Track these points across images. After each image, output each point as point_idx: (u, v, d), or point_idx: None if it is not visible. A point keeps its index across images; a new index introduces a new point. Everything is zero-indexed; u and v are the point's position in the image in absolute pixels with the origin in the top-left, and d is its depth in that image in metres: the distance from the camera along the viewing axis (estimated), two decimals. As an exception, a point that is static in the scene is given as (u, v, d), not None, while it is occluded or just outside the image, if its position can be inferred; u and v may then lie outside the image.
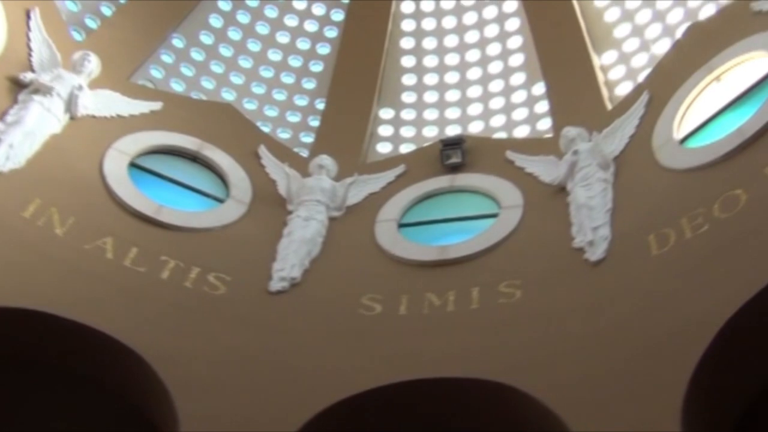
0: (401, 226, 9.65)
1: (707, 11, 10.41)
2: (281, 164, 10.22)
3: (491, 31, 12.29)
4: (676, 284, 7.11)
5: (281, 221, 9.58)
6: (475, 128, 11.60)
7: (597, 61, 11.23)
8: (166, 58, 11.44)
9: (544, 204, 9.19)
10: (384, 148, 11.73)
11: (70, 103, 9.36)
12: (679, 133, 8.72)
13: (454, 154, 10.29)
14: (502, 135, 11.23)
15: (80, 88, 9.48)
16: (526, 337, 7.56)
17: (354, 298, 8.53)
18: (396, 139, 11.85)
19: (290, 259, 8.92)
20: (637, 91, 9.94)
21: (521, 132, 11.28)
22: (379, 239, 9.40)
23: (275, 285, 8.63)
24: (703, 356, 6.41)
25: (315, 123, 11.80)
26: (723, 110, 8.53)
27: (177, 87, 11.37)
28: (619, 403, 6.54)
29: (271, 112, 11.88)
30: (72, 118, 9.39)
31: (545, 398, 6.90)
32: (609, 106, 10.41)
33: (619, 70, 11.16)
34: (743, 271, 6.62)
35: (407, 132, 11.92)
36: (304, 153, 11.17)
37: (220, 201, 9.74)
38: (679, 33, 10.37)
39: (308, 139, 11.64)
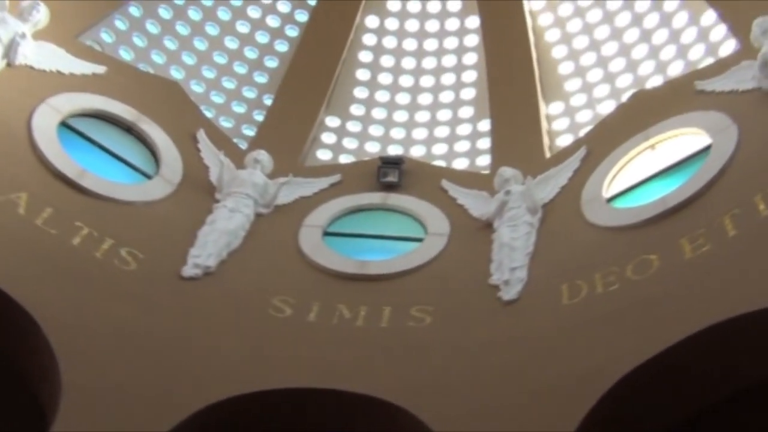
0: (326, 234, 9.62)
1: (654, 81, 10.80)
2: (217, 152, 10.07)
3: (449, 60, 12.47)
4: (579, 335, 7.28)
5: (206, 208, 9.43)
6: (417, 152, 11.69)
7: (544, 109, 11.49)
8: (120, 24, 11.17)
9: (468, 237, 9.32)
10: (324, 155, 11.71)
11: (10, 49, 9.04)
12: (607, 192, 8.98)
13: (391, 173, 10.34)
14: (441, 163, 11.33)
15: (23, 36, 9.17)
16: (428, 363, 7.61)
17: (266, 297, 8.44)
18: (337, 148, 11.84)
19: (208, 248, 8.77)
20: (576, 144, 10.23)
21: (460, 164, 11.42)
22: (302, 243, 9.34)
23: (188, 271, 8.46)
24: (593, 408, 6.56)
25: (259, 117, 11.70)
26: (652, 177, 8.83)
27: (125, 55, 11.11)
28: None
29: (218, 99, 11.72)
30: (9, 64, 9.07)
31: (433, 424, 6.93)
32: (547, 154, 10.65)
33: (562, 122, 11.45)
34: (644, 333, 6.84)
35: (349, 143, 11.93)
36: (243, 145, 11.06)
37: (148, 177, 9.53)
38: (624, 97, 10.73)
39: (249, 132, 11.53)
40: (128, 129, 9.85)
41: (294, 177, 10.16)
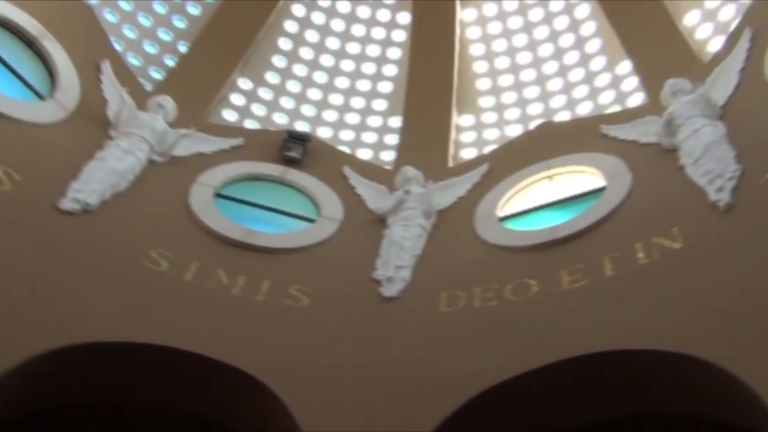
0: (218, 195, 9.37)
1: (563, 116, 11.20)
2: (121, 87, 9.59)
3: (373, 50, 12.49)
4: (450, 343, 7.43)
5: (98, 143, 8.96)
6: (324, 133, 11.60)
7: (455, 118, 11.67)
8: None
9: (360, 228, 9.33)
10: (229, 116, 11.39)
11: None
12: (501, 211, 9.22)
13: (295, 149, 10.20)
14: (346, 149, 11.28)
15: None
16: (298, 343, 7.53)
17: (143, 247, 8.10)
18: (244, 111, 11.56)
19: (92, 184, 8.32)
20: (480, 159, 10.46)
21: (364, 154, 11.42)
22: (191, 199, 9.05)
23: (66, 204, 7.98)
24: (450, 416, 6.70)
25: (170, 63, 11.25)
26: (545, 206, 9.14)
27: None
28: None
29: (130, 33, 11.14)
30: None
31: (292, 405, 6.87)
32: (450, 163, 10.84)
33: (470, 135, 11.68)
34: (511, 352, 7.05)
35: (258, 109, 11.67)
36: (148, 87, 10.59)
37: (41, 97, 8.94)
38: (532, 125, 11.08)
39: (157, 75, 11.04)
40: (29, 43, 9.20)
41: (196, 131, 9.82)
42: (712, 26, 10.45)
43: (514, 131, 11.44)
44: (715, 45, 9.96)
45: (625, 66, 11.07)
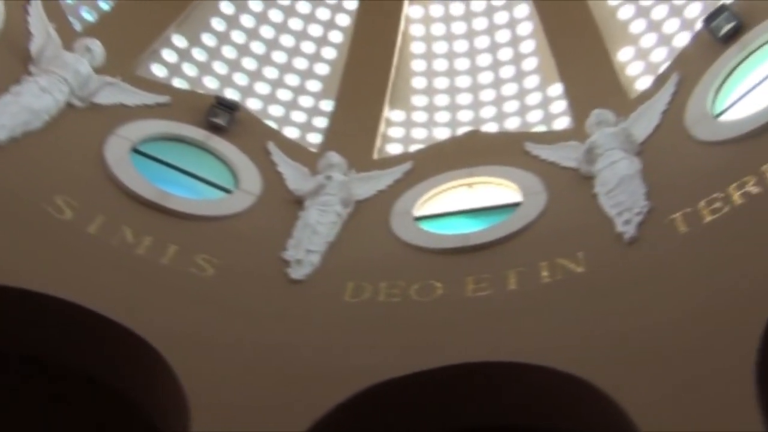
0: (135, 151, 9.09)
1: (490, 127, 11.41)
2: (48, 23, 9.15)
3: (314, 30, 12.35)
4: (349, 334, 7.48)
5: (15, 77, 8.54)
6: (253, 105, 11.41)
7: (386, 112, 11.71)
8: None
9: (276, 206, 9.24)
10: (159, 71, 11.04)
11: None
12: (418, 211, 9.33)
13: (221, 115, 10.00)
14: (273, 125, 11.13)
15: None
16: (195, 313, 7.41)
17: (48, 192, 7.79)
18: (175, 69, 11.23)
19: (3, 119, 7.92)
20: (405, 157, 10.53)
21: (291, 132, 11.30)
22: (106, 150, 8.75)
23: (-28, 134, 7.59)
24: (340, 404, 6.74)
25: (106, 6, 10.80)
26: (461, 213, 9.29)
27: None
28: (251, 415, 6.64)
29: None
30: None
31: (183, 375, 6.75)
32: (375, 156, 10.86)
33: (398, 131, 11.75)
34: (406, 350, 7.16)
35: (189, 69, 11.35)
36: (78, 27, 10.14)
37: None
38: (460, 130, 11.27)
39: (90, 17, 10.57)
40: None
41: (121, 81, 9.50)
42: (642, 65, 10.86)
43: (442, 134, 11.58)
44: (644, 83, 10.35)
45: (556, 89, 11.35)
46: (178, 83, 11.02)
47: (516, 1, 12.33)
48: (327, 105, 11.72)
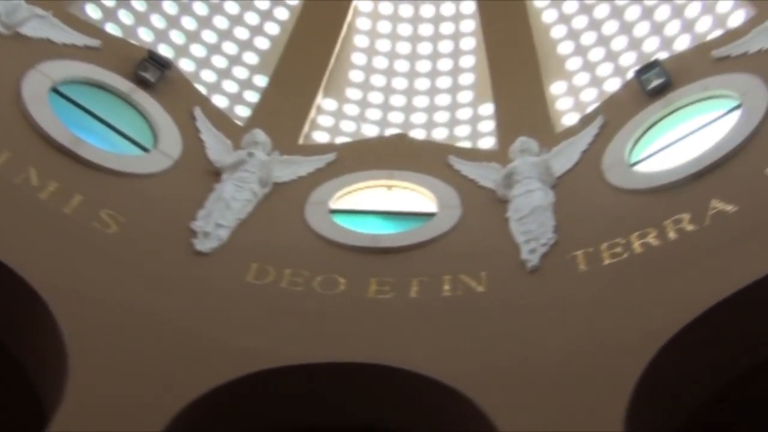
0: (54, 90, 8.75)
1: (418, 133, 11.52)
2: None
3: (262, 4, 12.12)
4: (242, 316, 7.47)
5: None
6: (186, 65, 11.04)
7: (319, 99, 11.64)
8: None
9: (192, 173, 9.10)
10: (93, 13, 10.42)
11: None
12: (334, 204, 9.34)
13: (152, 71, 9.72)
14: (203, 91, 10.78)
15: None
16: (89, 268, 7.19)
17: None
18: (110, 14, 10.67)
19: None
20: (330, 147, 10.54)
21: (221, 101, 10.89)
22: (23, 84, 8.41)
23: None
24: (208, 392, 6.66)
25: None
26: (376, 213, 9.38)
27: None
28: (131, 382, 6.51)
29: None
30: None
31: (65, 328, 6.54)
32: (301, 141, 10.81)
33: (328, 120, 11.66)
34: (293, 341, 7.17)
35: (125, 18, 10.81)
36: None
37: None
38: (389, 132, 11.34)
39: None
40: None
41: (52, 16, 9.09)
42: (572, 101, 11.21)
43: (370, 131, 11.61)
44: (570, 120, 10.67)
45: (487, 108, 11.56)
46: (111, 29, 10.58)
47: (464, 15, 12.49)
48: (261, 80, 11.54)
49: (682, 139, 8.58)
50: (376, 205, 9.51)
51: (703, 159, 7.80)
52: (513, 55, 11.64)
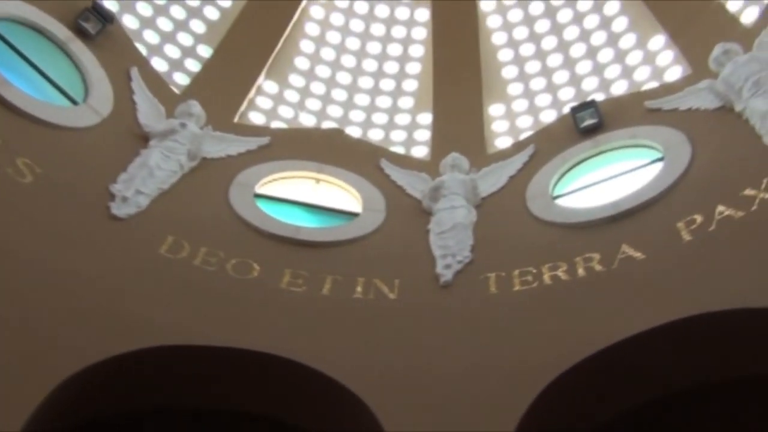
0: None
1: (354, 131, 11.54)
2: None
3: None
4: (143, 286, 7.31)
5: None
6: (131, 24, 10.77)
7: (262, 80, 11.53)
8: None
9: (119, 134, 8.90)
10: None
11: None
12: (259, 188, 9.28)
13: (93, 22, 9.44)
14: (143, 51, 10.55)
15: None
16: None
17: None
18: None
19: None
20: (265, 130, 10.46)
21: (160, 65, 10.71)
22: None
23: None
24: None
25: None
26: (299, 204, 9.37)
27: None
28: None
29: None
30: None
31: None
32: (236, 119, 10.67)
33: (268, 102, 11.55)
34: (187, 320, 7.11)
35: None
36: None
37: None
38: (326, 124, 11.34)
39: None
40: None
41: None
42: (507, 125, 11.47)
43: (307, 121, 11.57)
44: (503, 143, 10.93)
45: (426, 118, 11.66)
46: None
47: (417, 22, 12.59)
48: (204, 51, 11.34)
49: (604, 182, 8.89)
50: (303, 196, 9.50)
51: (620, 204, 8.11)
52: (458, 70, 11.81)
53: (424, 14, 12.62)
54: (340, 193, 9.70)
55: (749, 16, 9.83)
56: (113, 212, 7.84)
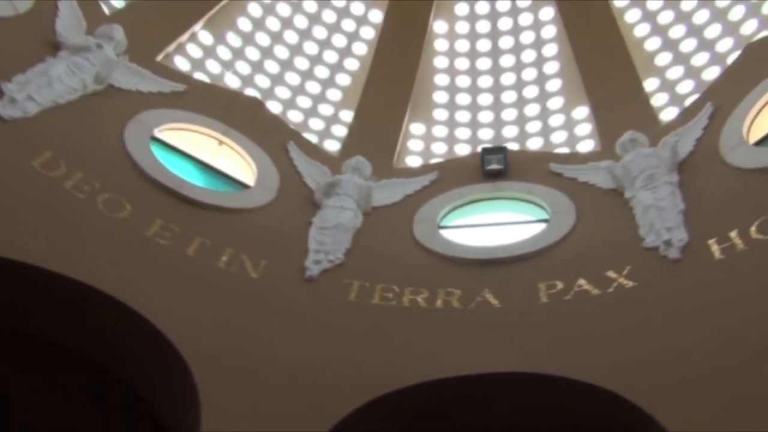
0: None
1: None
2: None
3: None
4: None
5: None
6: None
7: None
8: None
9: None
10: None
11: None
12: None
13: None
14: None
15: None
16: None
17: None
18: None
19: None
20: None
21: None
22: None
23: None
24: None
25: None
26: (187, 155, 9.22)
27: None
28: None
29: None
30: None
31: None
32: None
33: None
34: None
35: None
36: None
37: None
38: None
39: None
40: None
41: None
42: (422, 145, 11.65)
43: (233, 83, 11.34)
44: (412, 162, 11.13)
45: (347, 115, 11.72)
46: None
47: (367, 20, 12.58)
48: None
49: (489, 226, 9.14)
50: (199, 153, 9.33)
51: (495, 251, 8.39)
52: (392, 79, 11.96)
53: (377, 15, 12.65)
54: (238, 161, 9.59)
55: (668, 114, 10.32)
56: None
